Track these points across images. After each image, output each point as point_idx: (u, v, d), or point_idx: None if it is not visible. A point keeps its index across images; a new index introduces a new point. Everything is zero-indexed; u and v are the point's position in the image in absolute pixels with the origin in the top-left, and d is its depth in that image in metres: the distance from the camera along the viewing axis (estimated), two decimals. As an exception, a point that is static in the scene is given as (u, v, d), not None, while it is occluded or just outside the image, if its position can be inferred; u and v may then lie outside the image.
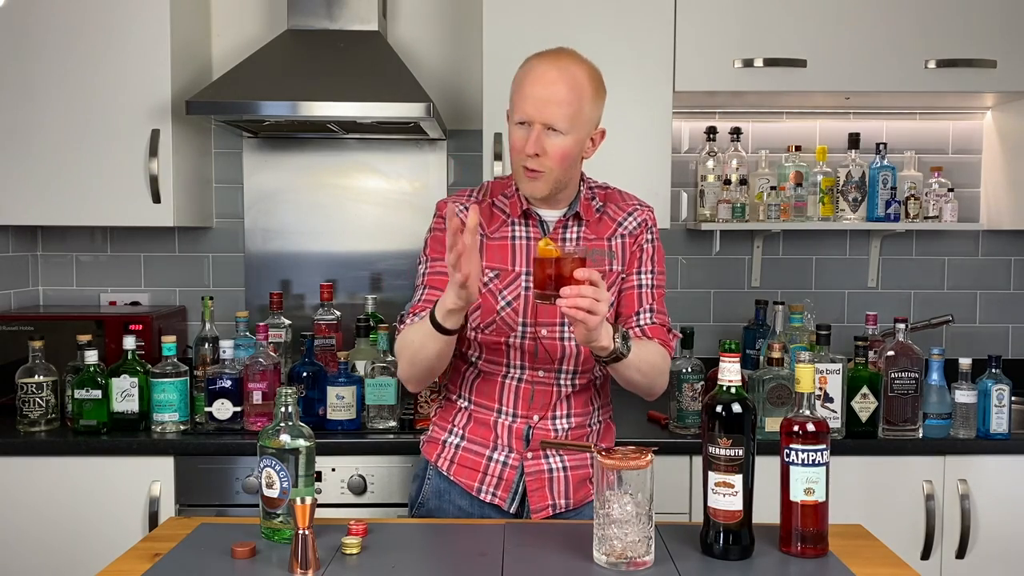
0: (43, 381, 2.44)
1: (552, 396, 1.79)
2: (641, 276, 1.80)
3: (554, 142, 1.67)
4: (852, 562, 1.47)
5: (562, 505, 1.78)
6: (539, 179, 1.70)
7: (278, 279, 3.02)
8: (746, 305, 3.02)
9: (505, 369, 1.79)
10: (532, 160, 1.68)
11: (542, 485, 1.78)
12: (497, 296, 1.76)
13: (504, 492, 1.78)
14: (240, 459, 2.38)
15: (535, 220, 1.79)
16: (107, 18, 2.60)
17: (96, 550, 2.28)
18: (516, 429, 1.78)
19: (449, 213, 1.52)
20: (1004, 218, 2.93)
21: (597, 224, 1.81)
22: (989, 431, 2.42)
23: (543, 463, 1.79)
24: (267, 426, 1.57)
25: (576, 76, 1.68)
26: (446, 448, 1.83)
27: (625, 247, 1.80)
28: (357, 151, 3.01)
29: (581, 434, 1.83)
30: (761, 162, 2.95)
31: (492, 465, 1.78)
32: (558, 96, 1.65)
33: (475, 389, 1.82)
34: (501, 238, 1.78)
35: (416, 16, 3.00)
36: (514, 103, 1.70)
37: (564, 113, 1.66)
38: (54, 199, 2.63)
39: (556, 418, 1.80)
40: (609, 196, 1.85)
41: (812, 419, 1.49)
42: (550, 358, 1.77)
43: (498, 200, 1.82)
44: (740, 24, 2.63)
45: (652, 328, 1.78)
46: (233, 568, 1.45)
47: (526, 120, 1.67)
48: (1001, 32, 2.62)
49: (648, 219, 1.83)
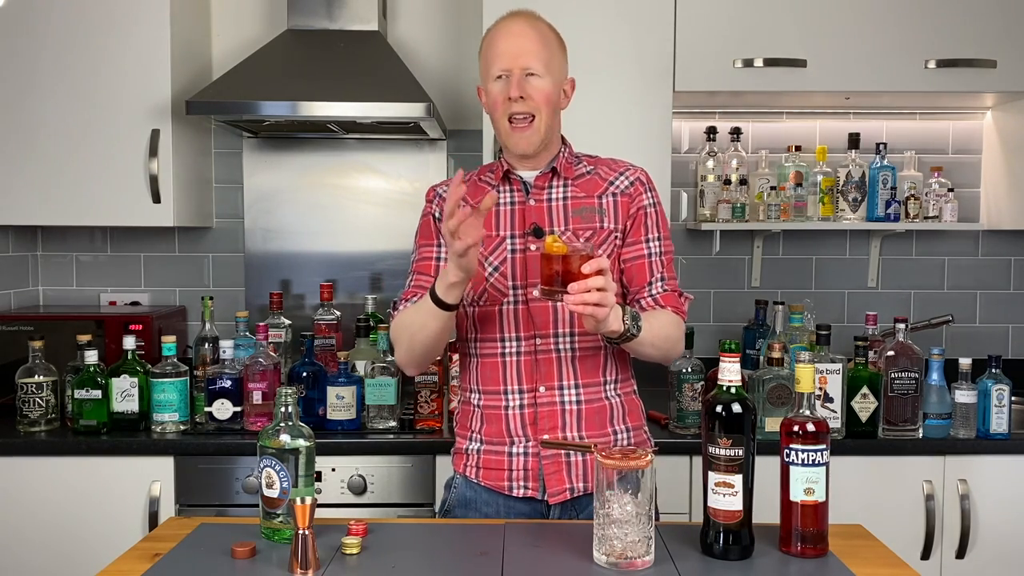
0: (43, 381, 2.44)
1: (554, 363, 1.77)
2: (649, 244, 1.79)
3: (535, 84, 1.71)
4: (852, 562, 1.47)
5: (580, 488, 1.76)
6: (529, 127, 1.72)
7: (278, 279, 3.02)
8: (746, 305, 3.02)
9: (501, 345, 1.77)
10: (519, 104, 1.70)
11: (559, 469, 1.76)
12: (484, 263, 1.76)
13: (535, 482, 1.76)
14: (240, 459, 2.38)
15: (518, 184, 1.80)
16: (107, 18, 2.60)
17: (96, 550, 2.27)
18: (526, 414, 1.76)
19: (455, 182, 1.52)
20: (1004, 218, 2.93)
21: (587, 183, 1.80)
22: (989, 431, 2.42)
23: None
24: (267, 426, 1.57)
25: (540, 27, 1.75)
26: (469, 456, 1.83)
27: (618, 205, 1.79)
28: (357, 151, 3.01)
29: (596, 408, 1.78)
30: (761, 162, 2.95)
31: (515, 459, 1.77)
32: (530, 44, 1.71)
33: (480, 377, 1.81)
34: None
35: (416, 16, 3.00)
36: (488, 64, 1.74)
37: (539, 57, 1.71)
38: (54, 199, 2.63)
39: (563, 388, 1.76)
40: (599, 161, 1.86)
41: (812, 419, 1.49)
42: (543, 322, 1.76)
43: (484, 176, 1.85)
44: (740, 24, 2.63)
45: (664, 296, 1.77)
46: (233, 568, 1.45)
47: (504, 72, 1.71)
48: (1001, 32, 2.62)
49: (642, 177, 1.82)
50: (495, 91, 1.73)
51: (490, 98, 1.74)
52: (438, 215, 1.80)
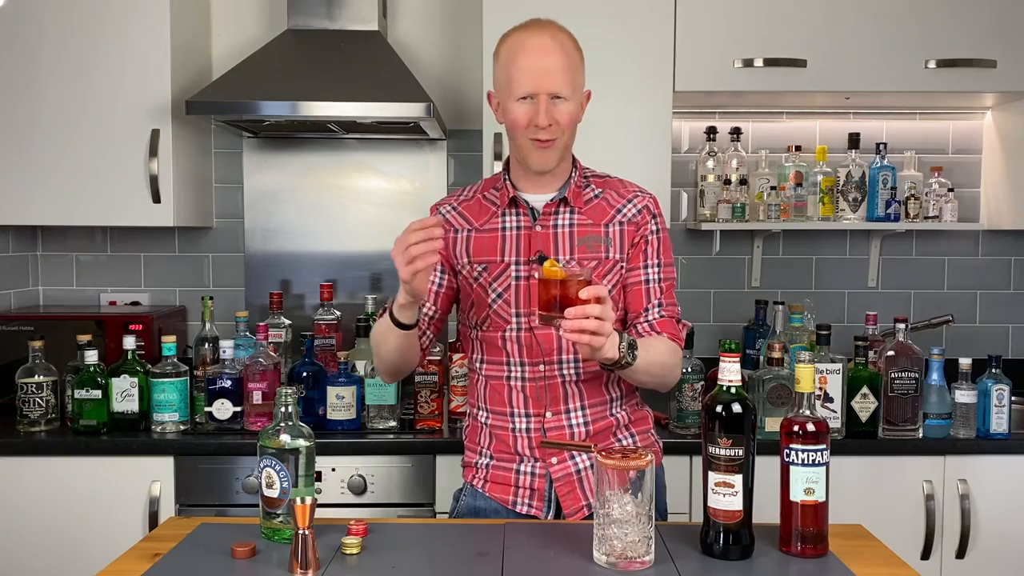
0: (43, 381, 2.44)
1: (560, 389, 1.77)
2: (648, 271, 1.77)
3: (562, 109, 1.69)
4: (852, 562, 1.47)
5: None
6: (551, 148, 1.71)
7: (278, 279, 3.02)
8: (746, 305, 3.02)
9: (507, 370, 1.78)
10: (544, 131, 1.68)
11: (573, 488, 1.76)
12: (488, 289, 1.76)
13: (539, 502, 1.77)
14: (240, 459, 2.38)
15: (524, 209, 1.78)
16: (107, 18, 2.60)
17: (96, 550, 2.28)
18: (534, 437, 1.77)
19: (436, 224, 1.57)
20: (1004, 218, 2.93)
21: (594, 210, 1.78)
22: (989, 431, 2.42)
23: (570, 464, 1.77)
24: (267, 426, 1.57)
25: (565, 43, 1.71)
26: (479, 469, 1.83)
27: (624, 234, 1.77)
28: (357, 151, 3.01)
29: (605, 426, 1.78)
30: (761, 162, 2.95)
31: (522, 478, 1.78)
32: (557, 64, 1.68)
33: (488, 397, 1.81)
34: (491, 229, 1.78)
35: (416, 16, 3.00)
36: (511, 79, 1.69)
37: (566, 80, 1.68)
38: (54, 199, 2.63)
39: (570, 412, 1.77)
40: (608, 183, 1.83)
41: (812, 419, 1.49)
42: (548, 349, 1.75)
43: (488, 193, 1.82)
44: (740, 24, 2.63)
45: (661, 322, 1.75)
46: (233, 568, 1.45)
47: (529, 94, 1.68)
48: (1001, 32, 2.62)
49: (651, 205, 1.80)
50: (519, 111, 1.69)
51: (512, 116, 1.70)
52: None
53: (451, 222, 1.81)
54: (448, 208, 1.83)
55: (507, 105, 1.71)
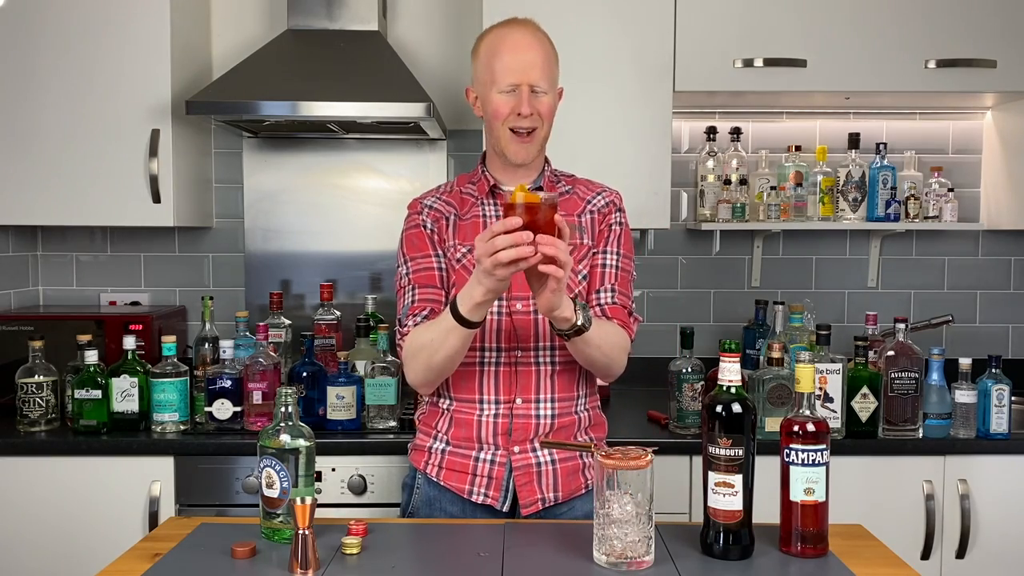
0: (43, 381, 2.44)
1: (533, 376, 1.78)
2: (606, 256, 1.83)
3: (542, 100, 1.76)
4: (852, 562, 1.47)
5: (551, 499, 1.77)
6: (531, 139, 1.77)
7: (278, 279, 3.02)
8: (746, 305, 3.02)
9: (480, 355, 1.78)
10: (526, 120, 1.75)
11: (531, 479, 1.77)
12: (470, 271, 1.75)
13: (495, 491, 1.77)
14: (240, 459, 2.38)
15: (502, 198, 1.81)
16: (107, 18, 2.60)
17: (96, 550, 2.27)
18: (500, 424, 1.77)
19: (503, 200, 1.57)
20: (1004, 218, 2.93)
21: (567, 202, 1.85)
22: (989, 431, 2.42)
23: (531, 456, 1.77)
24: (267, 426, 1.57)
25: (544, 40, 1.79)
26: (432, 455, 1.82)
27: (594, 223, 1.84)
28: (357, 151, 3.01)
29: (567, 421, 1.81)
30: (761, 162, 2.95)
31: (480, 465, 1.78)
32: (538, 59, 1.76)
33: (453, 384, 1.81)
34: (472, 217, 1.83)
35: (416, 16, 3.00)
36: (494, 71, 1.75)
37: (545, 74, 1.76)
38: (54, 199, 2.63)
39: (540, 401, 1.78)
40: (576, 181, 1.91)
41: (812, 419, 1.49)
42: (525, 336, 1.77)
43: (465, 188, 1.88)
44: (740, 24, 2.63)
45: (612, 308, 1.80)
46: (233, 568, 1.45)
47: (512, 86, 1.74)
48: (1001, 32, 2.62)
49: (616, 200, 1.88)
50: (500, 102, 1.75)
51: (492, 107, 1.76)
52: (430, 226, 1.82)
53: (440, 210, 1.85)
54: (433, 199, 1.87)
55: (488, 97, 1.77)
